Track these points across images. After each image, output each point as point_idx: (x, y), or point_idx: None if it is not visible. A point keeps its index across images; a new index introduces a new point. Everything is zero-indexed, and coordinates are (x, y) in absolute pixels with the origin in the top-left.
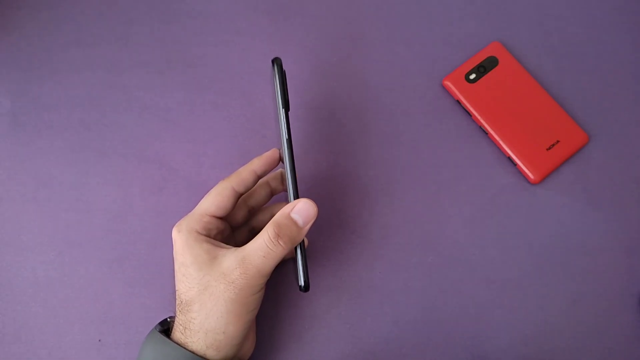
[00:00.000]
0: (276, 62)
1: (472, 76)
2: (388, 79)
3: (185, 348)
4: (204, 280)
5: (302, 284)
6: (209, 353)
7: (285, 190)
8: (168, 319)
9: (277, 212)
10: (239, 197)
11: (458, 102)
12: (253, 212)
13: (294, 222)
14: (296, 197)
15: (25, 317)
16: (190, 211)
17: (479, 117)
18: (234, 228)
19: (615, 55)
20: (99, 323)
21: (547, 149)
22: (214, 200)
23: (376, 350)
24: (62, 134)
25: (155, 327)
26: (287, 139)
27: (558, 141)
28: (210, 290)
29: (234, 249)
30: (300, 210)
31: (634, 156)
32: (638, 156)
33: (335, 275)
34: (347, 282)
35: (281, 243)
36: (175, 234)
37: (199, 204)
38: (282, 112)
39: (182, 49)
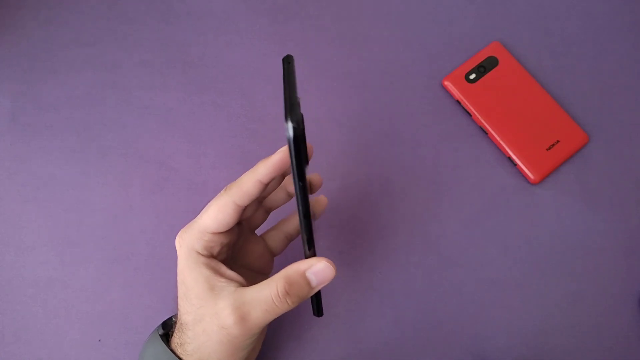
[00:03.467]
0: (286, 60)
1: (472, 76)
2: (388, 79)
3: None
4: (200, 311)
5: (317, 313)
6: None
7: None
8: (173, 318)
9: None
10: (243, 210)
11: (458, 102)
12: (266, 194)
13: (308, 283)
14: (310, 247)
15: (25, 317)
16: (189, 212)
17: (479, 117)
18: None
19: (615, 55)
20: (99, 323)
21: (547, 149)
22: (215, 217)
23: (376, 350)
24: (62, 134)
25: (157, 329)
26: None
27: (558, 141)
28: (203, 325)
29: (233, 286)
30: (318, 273)
31: (634, 156)
32: (638, 156)
33: (335, 275)
34: (347, 283)
35: (289, 301)
36: (177, 246)
37: (199, 215)
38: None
39: (182, 49)
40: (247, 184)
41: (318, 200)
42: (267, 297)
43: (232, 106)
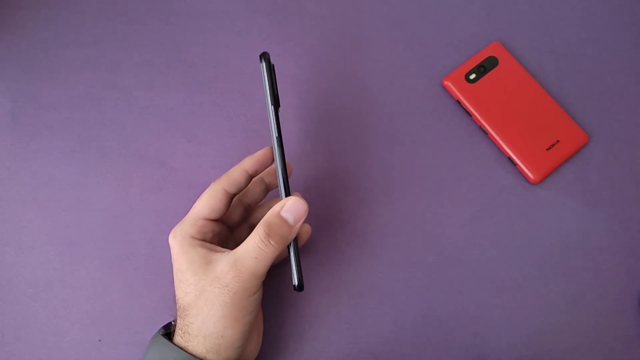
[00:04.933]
0: (264, 57)
1: (472, 76)
2: (388, 79)
3: (186, 351)
4: (199, 285)
5: (296, 283)
6: (210, 356)
7: None
8: (172, 322)
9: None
10: (232, 197)
11: (458, 102)
12: (250, 209)
13: (284, 221)
14: (287, 195)
15: (25, 317)
16: (189, 212)
17: (479, 117)
18: (232, 228)
19: (615, 55)
20: (99, 323)
21: (547, 149)
22: (207, 203)
23: (376, 350)
24: (62, 134)
25: (159, 331)
26: (276, 137)
27: (558, 141)
28: (205, 294)
29: (227, 252)
30: (290, 209)
31: (634, 156)
32: (638, 156)
33: (335, 275)
34: (347, 282)
35: (272, 243)
36: (171, 240)
37: (192, 208)
38: (271, 109)
39: (182, 49)
40: (235, 173)
41: (303, 227)
42: (254, 245)
43: (232, 106)
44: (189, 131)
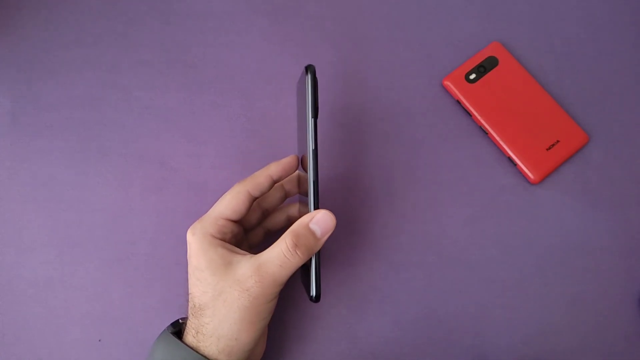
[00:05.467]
0: (309, 69)
1: (472, 76)
2: (388, 79)
3: (197, 352)
4: (219, 286)
5: (314, 294)
6: (221, 358)
7: (300, 194)
8: (180, 321)
9: (291, 213)
10: (254, 201)
11: (458, 102)
12: (267, 214)
13: (312, 233)
14: (317, 208)
15: (25, 317)
16: (189, 212)
17: (479, 117)
18: (248, 230)
19: (615, 55)
20: (99, 323)
21: (547, 149)
22: (230, 203)
23: (376, 350)
24: (62, 134)
25: (167, 328)
26: (313, 149)
27: (558, 141)
28: (224, 296)
29: (249, 255)
30: (319, 222)
31: (634, 156)
32: (638, 156)
33: (336, 275)
34: (348, 282)
35: (299, 253)
36: (189, 236)
37: (213, 206)
38: (310, 121)
39: (182, 49)
40: (260, 177)
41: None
42: (280, 253)
43: (232, 106)
44: (189, 131)
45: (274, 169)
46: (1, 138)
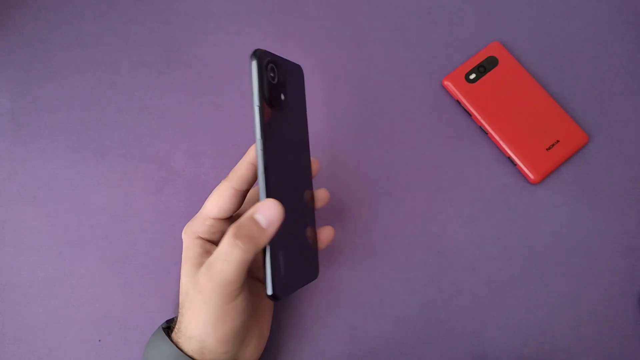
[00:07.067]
0: (255, 54)
1: (472, 76)
2: (388, 79)
3: (178, 347)
4: (187, 287)
5: (270, 292)
6: (196, 357)
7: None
8: (175, 317)
9: None
10: (244, 194)
11: (458, 102)
12: None
13: (256, 222)
14: (266, 197)
15: (25, 317)
16: (189, 212)
17: (479, 117)
18: None
19: (615, 55)
20: (99, 323)
21: (547, 149)
22: (215, 202)
23: (376, 350)
24: (62, 134)
25: (162, 324)
26: (258, 139)
27: (558, 141)
28: (190, 297)
29: None
30: (262, 210)
31: (634, 156)
32: (638, 156)
33: (336, 275)
34: (348, 282)
35: (240, 244)
36: (182, 236)
37: (203, 205)
38: (255, 109)
39: (182, 49)
40: (241, 169)
41: (323, 230)
42: (224, 246)
43: (232, 106)
44: (189, 131)
45: (253, 155)
46: (1, 138)
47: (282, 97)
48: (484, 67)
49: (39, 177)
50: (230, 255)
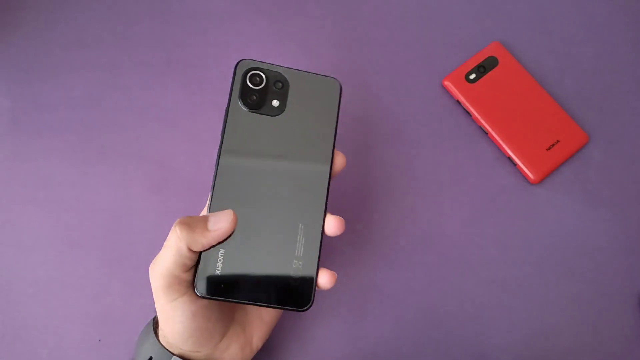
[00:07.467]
0: (239, 65)
1: (472, 76)
2: (388, 79)
3: (159, 341)
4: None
5: (197, 292)
6: (173, 350)
7: None
8: None
9: None
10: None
11: (458, 102)
12: None
13: (204, 220)
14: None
15: (25, 317)
16: (189, 212)
17: (479, 117)
18: None
19: (615, 55)
20: (99, 323)
21: (547, 149)
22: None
23: (376, 350)
24: (62, 134)
25: (153, 317)
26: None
27: (558, 141)
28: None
29: None
30: (217, 215)
31: (634, 156)
32: (638, 156)
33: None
34: (347, 282)
35: (177, 229)
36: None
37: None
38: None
39: (182, 49)
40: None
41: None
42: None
43: None
44: (189, 131)
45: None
46: (1, 138)
47: (275, 103)
48: (484, 67)
49: (39, 177)
50: (168, 241)
